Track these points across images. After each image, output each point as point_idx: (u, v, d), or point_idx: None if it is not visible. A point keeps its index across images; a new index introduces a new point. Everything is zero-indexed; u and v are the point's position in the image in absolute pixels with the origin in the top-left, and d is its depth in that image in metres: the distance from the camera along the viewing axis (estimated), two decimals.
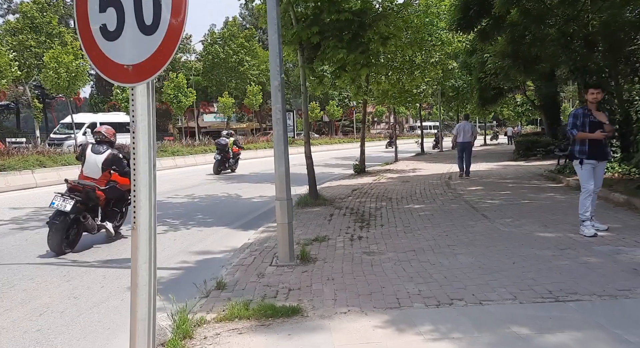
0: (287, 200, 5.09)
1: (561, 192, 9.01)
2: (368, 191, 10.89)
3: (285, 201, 5.08)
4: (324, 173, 16.96)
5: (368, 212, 8.09)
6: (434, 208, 8.10)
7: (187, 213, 9.31)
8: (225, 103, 33.46)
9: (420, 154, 25.73)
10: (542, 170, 13.28)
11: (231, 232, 7.57)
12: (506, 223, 6.38)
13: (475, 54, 19.02)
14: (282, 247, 5.09)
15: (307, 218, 7.91)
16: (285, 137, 5.12)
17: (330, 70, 10.37)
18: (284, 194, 5.09)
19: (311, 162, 9.71)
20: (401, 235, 6.15)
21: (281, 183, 5.10)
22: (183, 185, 14.36)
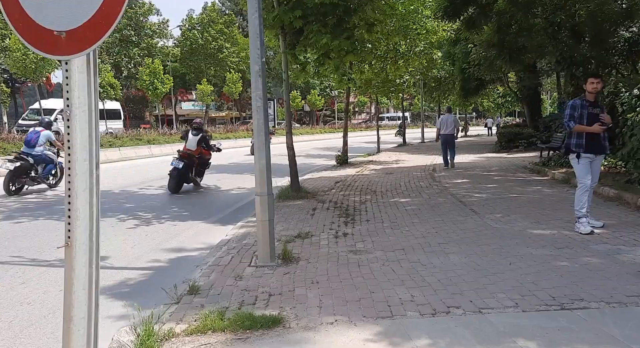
0: (267, 195, 4.69)
1: (548, 186, 8.85)
2: (351, 183, 10.55)
3: (266, 196, 4.68)
4: (305, 164, 16.57)
5: (352, 206, 7.75)
6: (420, 202, 7.81)
7: (161, 205, 8.82)
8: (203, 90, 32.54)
9: (402, 144, 25.54)
10: (526, 163, 13.17)
11: (208, 227, 7.13)
12: (496, 219, 6.13)
13: (459, 43, 18.78)
14: (262, 246, 4.71)
15: (288, 212, 7.53)
16: (266, 127, 4.70)
17: (313, 57, 9.92)
18: (264, 189, 4.69)
19: (293, 154, 9.31)
20: (388, 231, 5.83)
21: (262, 177, 4.70)
22: (158, 175, 13.75)
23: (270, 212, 4.71)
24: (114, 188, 11.15)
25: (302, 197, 8.80)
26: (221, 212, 8.24)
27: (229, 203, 9.08)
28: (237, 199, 9.50)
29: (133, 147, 19.50)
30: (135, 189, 10.91)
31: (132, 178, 13.02)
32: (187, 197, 9.82)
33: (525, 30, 11.07)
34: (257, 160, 4.70)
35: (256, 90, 4.67)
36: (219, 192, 10.73)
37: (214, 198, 9.88)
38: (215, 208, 8.60)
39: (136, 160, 18.31)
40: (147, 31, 40.00)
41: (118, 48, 38.47)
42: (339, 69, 10.01)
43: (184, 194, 10.17)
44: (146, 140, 20.29)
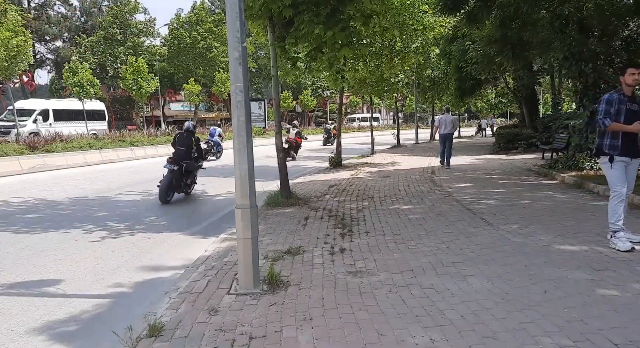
0: (250, 208, 3.89)
1: (560, 191, 8.14)
2: (346, 188, 9.78)
3: (248, 209, 3.89)
4: (297, 166, 15.81)
5: (349, 215, 6.97)
6: (423, 210, 7.05)
7: (137, 214, 7.98)
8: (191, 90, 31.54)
9: (396, 146, 24.85)
10: (528, 165, 12.50)
11: (187, 239, 6.31)
12: (514, 231, 5.38)
13: (455, 41, 18.13)
14: (243, 270, 3.91)
15: (277, 221, 6.74)
16: (247, 126, 3.90)
17: (304, 51, 9.12)
18: (246, 200, 3.89)
19: (283, 156, 8.53)
20: (392, 246, 5.06)
21: (243, 186, 3.90)
22: (139, 179, 12.91)
23: (253, 229, 3.91)
24: (89, 194, 10.28)
25: (293, 203, 8.01)
26: (204, 221, 7.42)
27: (214, 211, 8.26)
28: (223, 206, 8.69)
29: (115, 149, 18.54)
30: (112, 195, 10.05)
31: (111, 183, 12.14)
32: (168, 204, 8.97)
33: (530, 24, 10.39)
34: (238, 166, 3.91)
35: (236, 81, 3.87)
36: (204, 197, 9.90)
37: (198, 204, 9.05)
38: (197, 217, 7.79)
39: (118, 163, 17.37)
40: (133, 30, 38.90)
41: (103, 47, 37.33)
42: (332, 65, 9.22)
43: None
44: (129, 142, 19.35)
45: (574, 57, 9.93)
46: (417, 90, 26.95)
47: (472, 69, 16.93)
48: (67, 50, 43.95)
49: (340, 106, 15.64)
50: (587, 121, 10.10)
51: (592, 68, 9.78)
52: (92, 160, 16.15)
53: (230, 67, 3.92)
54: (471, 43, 16.09)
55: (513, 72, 16.00)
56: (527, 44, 11.14)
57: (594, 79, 9.80)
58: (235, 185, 3.95)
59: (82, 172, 14.78)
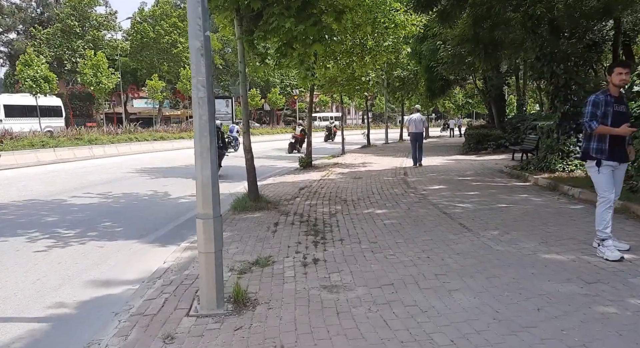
0: (214, 218, 3.44)
1: (535, 193, 8.02)
2: (318, 190, 9.39)
3: (211, 220, 3.43)
4: (265, 166, 15.30)
5: (321, 220, 6.58)
6: (399, 214, 6.74)
7: (90, 219, 7.33)
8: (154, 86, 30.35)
9: (366, 145, 24.67)
10: (499, 166, 12.47)
11: (144, 248, 5.77)
12: (495, 238, 5.13)
13: (426, 41, 18.04)
14: (205, 288, 3.46)
15: (245, 228, 6.28)
16: (211, 126, 3.45)
17: (274, 46, 8.66)
18: (209, 209, 3.44)
19: (251, 157, 8.04)
20: (369, 256, 4.70)
21: (205, 194, 3.44)
22: (97, 180, 12.12)
23: (217, 242, 3.46)
24: (39, 196, 9.48)
25: (262, 207, 7.56)
26: (164, 227, 6.87)
27: (176, 215, 7.70)
28: (186, 210, 8.13)
29: (71, 147, 17.48)
30: (66, 198, 9.30)
31: (65, 184, 11.32)
32: (125, 207, 8.34)
33: (502, 24, 10.29)
34: (200, 171, 3.44)
35: (197, 75, 3.41)
36: (166, 199, 9.30)
37: (159, 208, 8.44)
38: (157, 222, 7.21)
39: (74, 163, 16.36)
40: (92, 22, 37.13)
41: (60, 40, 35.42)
42: (303, 62, 8.81)
43: (121, 204, 8.68)
44: (87, 140, 18.29)
45: (546, 57, 9.88)
46: (387, 89, 26.88)
47: (442, 68, 16.88)
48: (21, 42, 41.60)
49: (310, 105, 15.24)
50: (558, 122, 10.08)
51: (563, 69, 9.75)
52: (45, 159, 15.11)
53: (192, 58, 3.45)
54: (442, 43, 16.01)
55: (483, 72, 16.03)
56: (499, 44, 11.07)
57: (565, 80, 9.77)
58: (197, 193, 3.49)
59: (34, 172, 13.79)
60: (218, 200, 3.52)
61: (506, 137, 16.94)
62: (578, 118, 9.82)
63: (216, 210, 3.48)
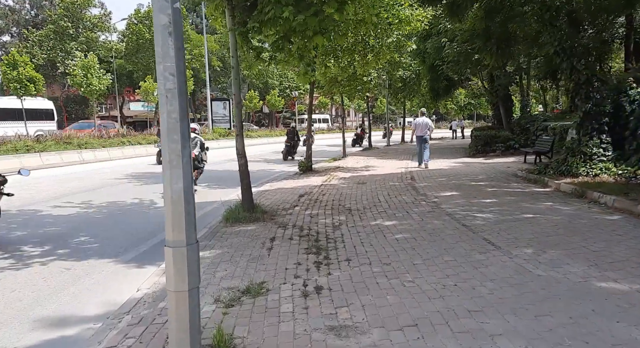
0: (187, 246, 2.63)
1: (560, 201, 7.22)
2: (319, 198, 8.59)
3: (184, 249, 2.63)
4: (263, 170, 14.53)
5: (324, 234, 5.78)
6: (412, 226, 5.94)
7: (64, 233, 6.53)
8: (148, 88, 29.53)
9: (368, 148, 23.88)
10: (512, 169, 11.68)
11: (118, 270, 4.96)
12: (531, 258, 4.33)
13: (430, 38, 17.28)
14: (175, 338, 2.64)
15: (237, 244, 5.48)
16: (183, 127, 2.64)
17: (270, 40, 7.85)
18: (181, 234, 2.64)
19: (245, 162, 7.24)
20: (383, 282, 3.90)
21: (176, 214, 2.64)
22: (82, 187, 11.31)
23: (191, 277, 2.65)
24: (13, 206, 8.65)
25: (257, 219, 6.76)
26: (145, 243, 6.06)
27: (160, 228, 6.86)
28: None
29: (59, 151, 16.66)
30: (43, 207, 8.50)
31: (47, 192, 10.51)
32: (107, 218, 7.54)
33: (517, 16, 9.52)
34: (169, 185, 2.64)
35: (164, 60, 2.61)
36: (152, 209, 8.49)
37: (143, 219, 7.63)
38: (139, 236, 6.40)
39: (61, 168, 15.54)
40: (86, 24, 36.31)
41: (53, 41, 34.59)
42: (303, 57, 8.03)
43: (103, 215, 7.87)
44: (76, 144, 17.47)
45: (565, 52, 9.11)
46: (389, 91, 26.12)
47: (448, 67, 16.11)
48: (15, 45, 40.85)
49: (310, 105, 14.45)
50: (579, 122, 9.31)
51: (584, 64, 8.98)
52: (29, 164, 14.27)
53: (156, 39, 2.65)
54: (448, 40, 15.24)
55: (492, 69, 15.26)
56: (513, 39, 10.30)
57: (586, 77, 9.00)
58: (166, 213, 2.68)
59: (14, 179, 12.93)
60: (194, 222, 2.71)
61: (515, 139, 16.14)
62: (600, 117, 9.06)
63: (191, 236, 2.67)
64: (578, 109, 9.25)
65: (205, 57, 29.10)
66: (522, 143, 15.86)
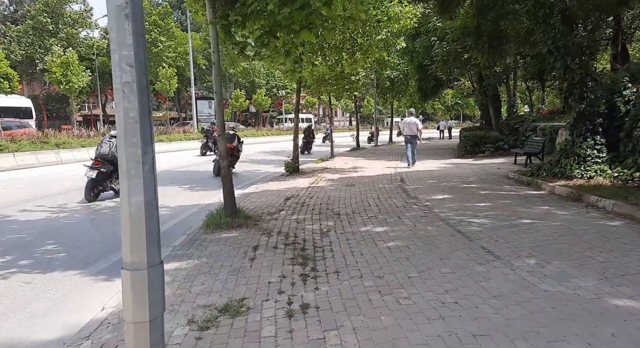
0: (147, 269, 2.23)
1: (557, 205, 6.95)
2: (306, 201, 8.20)
3: (145, 272, 2.23)
4: (249, 171, 14.12)
5: (311, 241, 5.40)
6: (404, 233, 5.59)
7: (31, 241, 6.04)
8: None
9: (355, 148, 23.57)
10: (503, 171, 11.44)
11: (84, 283, 4.51)
12: (535, 270, 4.00)
13: (419, 37, 17.00)
14: None
15: (217, 253, 5.07)
16: (145, 128, 2.24)
17: (255, 34, 7.43)
18: (141, 255, 2.23)
19: (228, 164, 6.82)
20: (376, 300, 3.53)
21: (135, 232, 2.24)
22: (57, 189, 10.75)
23: (153, 305, 2.25)
24: None
25: (240, 225, 6.34)
26: (116, 253, 5.58)
27: None
28: None
29: (35, 151, 15.99)
30: (12, 212, 7.96)
31: (17, 195, 9.95)
32: (79, 224, 7.05)
33: (509, 14, 9.25)
34: (126, 197, 2.23)
35: (120, 48, 2.20)
36: None
37: (118, 225, 7.14)
38: (112, 244, 5.94)
39: (36, 169, 14.89)
40: (66, 19, 35.34)
41: (32, 37, 33.56)
42: (290, 53, 7.64)
43: (75, 220, 7.38)
44: (54, 144, 16.79)
45: (559, 50, 8.86)
46: (377, 90, 25.82)
47: (437, 67, 15.85)
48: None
49: (297, 103, 14.05)
50: (572, 123, 9.07)
51: (578, 64, 8.74)
52: (2, 165, 13.62)
53: (110, 22, 2.24)
54: (437, 39, 14.97)
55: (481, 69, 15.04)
56: (504, 37, 10.04)
57: (580, 76, 8.76)
58: (123, 230, 2.28)
59: None
60: (157, 241, 2.31)
61: (505, 139, 15.96)
62: (594, 118, 8.84)
63: (153, 256, 2.27)
64: (571, 109, 9.01)
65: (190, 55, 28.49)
66: (511, 144, 15.69)
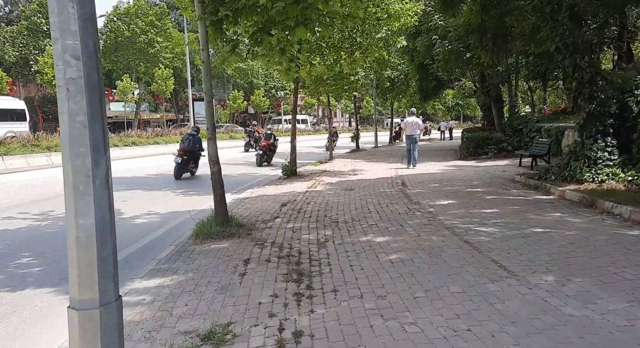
0: (100, 307, 1.82)
1: (568, 211, 6.54)
2: (303, 207, 7.79)
3: (97, 311, 1.81)
4: (245, 175, 13.70)
5: (307, 254, 4.99)
6: (407, 244, 5.18)
7: (7, 252, 5.65)
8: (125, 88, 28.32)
9: (355, 150, 23.16)
10: (508, 174, 11.04)
11: (57, 302, 4.10)
12: (555, 289, 3.59)
13: (420, 36, 16.60)
14: None
15: (205, 267, 4.67)
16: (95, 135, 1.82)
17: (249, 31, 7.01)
18: (91, 292, 1.82)
19: (218, 170, 6.42)
20: (378, 326, 3.12)
21: (86, 263, 1.82)
22: (44, 194, 10.33)
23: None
24: None
25: (231, 234, 5.93)
26: None
27: (121, 244, 6.01)
28: (136, 235, 6.47)
29: (25, 155, 15.57)
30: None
31: (3, 201, 9.52)
32: (61, 233, 6.63)
33: (515, 10, 8.85)
34: (73, 218, 1.82)
35: (64, 36, 1.78)
36: (120, 220, 7.59)
37: None
38: None
39: (26, 173, 14.46)
40: None
41: (26, 38, 33.14)
42: (285, 51, 7.24)
43: (57, 228, 6.96)
44: (45, 147, 16.38)
45: (568, 48, 8.46)
46: (377, 91, 25.42)
47: (438, 66, 15.44)
48: None
49: (295, 103, 13.65)
50: (582, 124, 8.67)
51: (588, 61, 8.34)
52: None
53: (50, 4, 1.82)
54: (438, 38, 14.57)
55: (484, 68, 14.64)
56: (510, 35, 9.65)
57: (590, 75, 8.36)
58: (69, 259, 1.87)
59: None
60: (112, 272, 1.89)
61: (508, 141, 15.55)
62: (605, 118, 8.44)
63: (106, 293, 1.86)
64: (581, 109, 8.61)
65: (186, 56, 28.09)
66: (515, 145, 15.30)
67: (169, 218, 7.67)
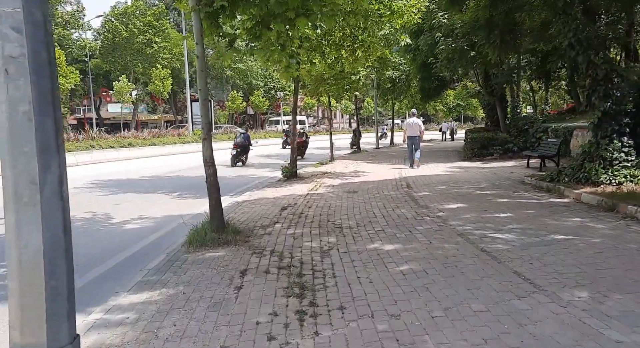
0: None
1: (588, 216, 6.14)
2: (304, 211, 7.38)
3: None
4: (244, 176, 13.31)
5: (309, 264, 4.58)
6: (419, 252, 4.77)
7: None
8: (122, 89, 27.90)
9: (356, 151, 22.74)
10: (516, 175, 10.64)
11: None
12: (593, 309, 3.18)
13: (422, 35, 16.21)
14: None
15: (197, 279, 4.25)
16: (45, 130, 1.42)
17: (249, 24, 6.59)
18: (39, 333, 1.41)
19: (214, 172, 6.01)
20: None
21: (29, 297, 1.41)
22: None
23: None
24: None
25: (227, 241, 5.52)
26: (81, 277, 4.76)
27: (107, 253, 5.61)
28: (126, 242, 6.05)
29: None
30: None
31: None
32: None
33: (525, 4, 8.45)
34: (15, 239, 1.41)
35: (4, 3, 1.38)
36: (106, 225, 7.20)
37: (90, 239, 6.31)
38: (81, 266, 5.09)
39: None
40: (57, 20, 34.54)
41: None
42: (285, 47, 6.84)
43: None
44: None
45: (581, 44, 8.07)
46: (378, 91, 25.01)
47: (441, 65, 15.05)
48: None
49: (295, 103, 13.25)
50: (596, 123, 8.27)
51: (602, 58, 7.94)
52: None
53: None
54: (442, 36, 14.18)
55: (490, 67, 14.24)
56: (518, 31, 9.25)
57: (605, 72, 7.96)
58: (10, 291, 1.46)
59: None
60: (66, 307, 1.48)
61: (514, 142, 15.15)
62: (621, 117, 8.04)
63: (58, 333, 1.45)
64: (595, 108, 8.22)
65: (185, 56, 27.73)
66: (520, 146, 14.89)
67: (163, 223, 7.28)
